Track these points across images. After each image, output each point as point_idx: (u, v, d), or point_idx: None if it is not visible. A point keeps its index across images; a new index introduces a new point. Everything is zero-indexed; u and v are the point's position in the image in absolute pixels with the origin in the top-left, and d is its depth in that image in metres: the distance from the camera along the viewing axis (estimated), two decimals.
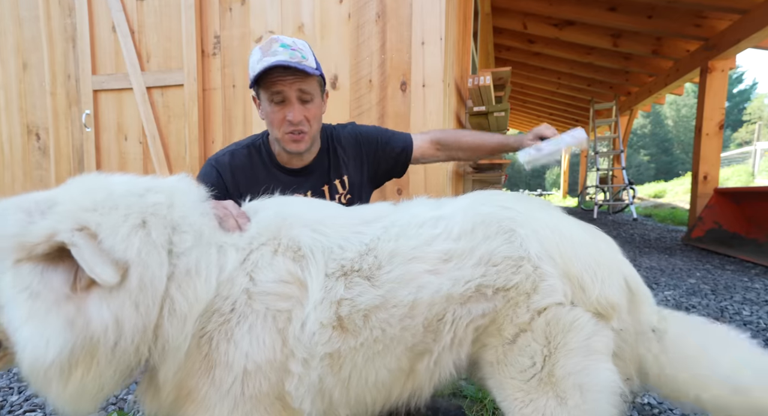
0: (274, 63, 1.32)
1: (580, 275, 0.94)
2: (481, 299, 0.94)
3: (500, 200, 1.06)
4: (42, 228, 0.74)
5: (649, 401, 1.71)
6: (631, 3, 5.41)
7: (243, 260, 0.89)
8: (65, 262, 0.75)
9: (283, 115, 1.40)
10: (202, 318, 0.83)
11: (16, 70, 3.17)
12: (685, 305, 2.89)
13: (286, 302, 0.87)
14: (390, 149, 1.67)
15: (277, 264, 0.90)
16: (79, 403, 0.78)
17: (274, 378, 0.85)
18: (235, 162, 1.52)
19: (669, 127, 38.11)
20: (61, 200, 0.80)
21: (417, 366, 0.96)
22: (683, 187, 11.52)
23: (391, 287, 0.91)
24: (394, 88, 2.39)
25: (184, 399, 0.85)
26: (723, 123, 5.50)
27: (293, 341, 0.85)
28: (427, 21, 2.31)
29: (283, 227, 0.96)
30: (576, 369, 0.91)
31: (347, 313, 0.89)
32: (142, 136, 2.94)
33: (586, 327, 0.92)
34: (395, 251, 0.94)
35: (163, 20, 2.81)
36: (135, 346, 0.77)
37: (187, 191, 0.96)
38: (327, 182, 1.61)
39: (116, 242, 0.76)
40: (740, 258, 4.40)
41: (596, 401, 0.92)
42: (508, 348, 0.95)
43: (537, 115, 13.42)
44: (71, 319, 0.73)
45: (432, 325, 0.93)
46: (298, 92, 1.39)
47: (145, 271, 0.77)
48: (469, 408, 1.57)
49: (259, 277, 0.87)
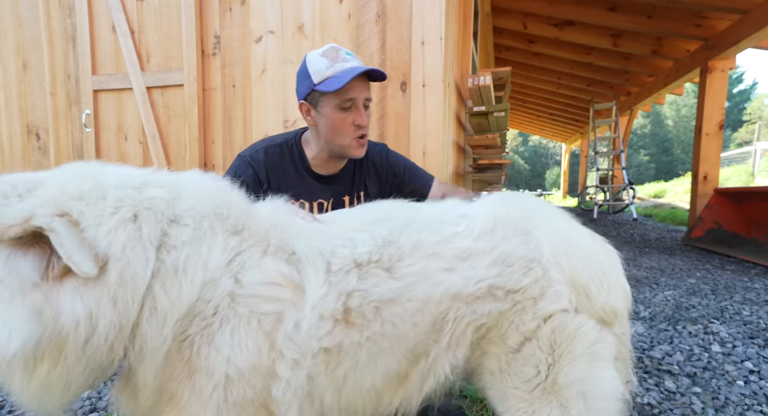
0: (364, 69, 1.35)
1: (586, 284, 0.94)
2: (490, 300, 0.92)
3: (521, 203, 1.07)
4: (17, 210, 0.70)
5: (649, 401, 1.71)
6: (631, 3, 5.41)
7: (229, 261, 0.84)
8: (36, 249, 0.71)
9: (351, 120, 1.42)
10: (183, 321, 0.79)
11: (16, 70, 3.17)
12: (685, 305, 2.89)
13: (273, 305, 0.83)
14: (407, 184, 1.69)
15: (265, 265, 0.86)
16: (45, 400, 0.74)
17: (259, 385, 0.81)
18: (269, 160, 1.52)
19: (669, 127, 38.11)
20: (46, 185, 0.76)
21: (412, 370, 0.94)
22: (683, 187, 11.51)
23: (410, 280, 0.90)
24: (394, 88, 2.39)
25: (165, 404, 0.81)
26: (723, 123, 5.50)
27: (283, 341, 0.81)
28: (427, 21, 2.31)
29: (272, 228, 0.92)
30: (580, 377, 0.91)
31: (357, 305, 0.86)
32: (142, 136, 2.94)
33: (591, 333, 0.92)
34: (418, 244, 0.93)
35: (163, 20, 2.81)
36: (109, 344, 0.73)
37: (201, 184, 0.92)
38: (349, 193, 1.62)
39: (99, 234, 0.73)
40: (740, 258, 4.40)
41: (600, 409, 0.91)
42: (512, 357, 0.93)
43: (537, 115, 13.41)
44: (38, 308, 0.68)
45: (437, 323, 0.92)
46: (365, 99, 1.44)
47: (127, 267, 0.73)
48: (469, 408, 1.57)
49: (246, 279, 0.83)
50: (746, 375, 1.92)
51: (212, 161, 2.82)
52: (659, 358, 2.09)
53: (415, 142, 2.38)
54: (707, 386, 1.84)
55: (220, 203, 0.89)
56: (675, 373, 1.94)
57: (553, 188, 33.80)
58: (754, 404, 1.69)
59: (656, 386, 1.84)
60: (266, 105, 2.66)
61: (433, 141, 2.36)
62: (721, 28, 5.26)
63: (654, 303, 2.93)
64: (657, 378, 1.91)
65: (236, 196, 0.96)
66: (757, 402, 1.70)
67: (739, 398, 1.73)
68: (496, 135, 3.49)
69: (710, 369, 1.98)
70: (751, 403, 1.69)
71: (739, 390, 1.79)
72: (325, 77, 1.37)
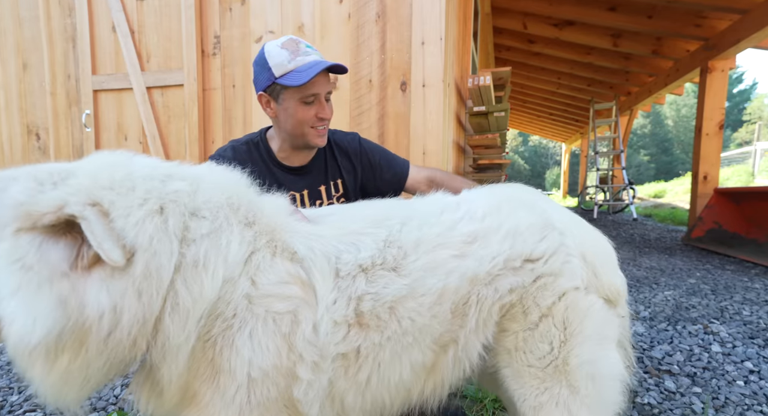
0: (328, 64, 1.37)
1: (593, 260, 0.98)
2: (509, 274, 0.94)
3: (518, 185, 1.16)
4: (52, 198, 0.71)
5: (649, 401, 1.71)
6: (631, 3, 5.41)
7: (246, 260, 0.85)
8: (68, 238, 0.71)
9: (313, 113, 1.45)
10: (207, 321, 0.79)
11: (16, 70, 3.17)
12: (685, 305, 2.89)
13: (286, 303, 0.84)
14: (384, 173, 1.68)
15: (276, 266, 0.87)
16: (63, 392, 0.74)
17: (283, 384, 0.82)
18: (237, 157, 1.52)
19: (669, 127, 38.10)
20: (78, 174, 0.76)
21: (440, 360, 0.95)
22: (683, 187, 11.51)
23: (419, 275, 0.91)
24: (394, 88, 2.39)
25: (188, 402, 0.82)
26: (723, 123, 5.50)
27: (302, 344, 0.82)
28: (427, 21, 2.31)
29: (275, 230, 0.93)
30: (589, 358, 0.94)
31: (370, 308, 0.87)
32: (142, 136, 2.94)
33: (600, 312, 0.96)
34: (420, 239, 0.95)
35: (163, 20, 2.81)
36: (132, 339, 0.73)
37: (215, 176, 0.93)
38: (324, 182, 1.64)
39: (128, 225, 0.73)
40: (740, 258, 4.40)
41: (606, 389, 0.96)
42: (529, 334, 0.96)
43: (537, 115, 13.41)
44: (64, 298, 0.68)
45: (458, 309, 0.93)
46: (327, 93, 1.47)
47: (153, 259, 0.73)
48: (469, 408, 1.57)
49: (261, 280, 0.84)
50: (746, 375, 1.92)
51: None
52: (659, 358, 2.09)
53: (415, 142, 2.38)
54: (707, 386, 1.84)
55: (232, 193, 0.90)
56: (675, 373, 1.94)
57: (553, 188, 33.79)
58: (754, 404, 1.69)
59: (656, 386, 1.84)
60: None
61: (433, 141, 2.36)
62: (721, 28, 5.26)
63: (654, 303, 2.93)
64: (657, 378, 1.91)
65: (245, 186, 0.97)
66: (757, 402, 1.70)
67: (739, 398, 1.73)
68: (496, 135, 3.49)
69: (710, 369, 1.98)
70: (751, 403, 1.69)
71: (739, 390, 1.79)
72: (287, 71, 1.36)
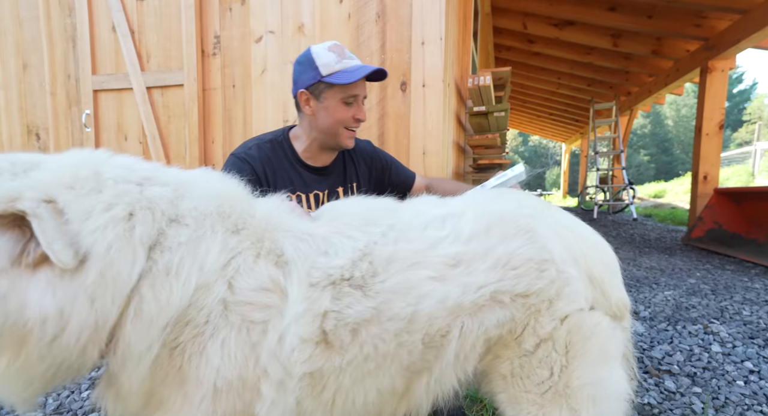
0: (372, 69, 1.46)
1: (601, 277, 0.91)
2: (496, 308, 0.85)
3: (515, 197, 1.02)
4: (6, 189, 0.66)
5: (649, 401, 1.71)
6: (631, 3, 5.40)
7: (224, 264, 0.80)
8: (14, 233, 0.67)
9: (351, 113, 1.52)
10: (175, 328, 0.74)
11: (16, 70, 3.17)
12: (685, 305, 2.89)
13: (263, 313, 0.79)
14: (393, 175, 1.81)
15: (258, 269, 0.81)
16: (5, 393, 0.71)
17: (247, 397, 0.77)
18: (264, 155, 1.54)
19: (669, 127, 38.09)
20: (43, 167, 0.72)
21: (414, 385, 0.88)
22: (683, 187, 11.51)
23: (386, 297, 0.82)
24: (394, 88, 2.39)
25: (155, 407, 0.78)
26: (723, 123, 5.50)
27: (267, 358, 0.77)
28: (427, 21, 2.31)
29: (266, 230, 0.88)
30: (591, 380, 0.88)
31: (332, 327, 0.80)
32: (142, 136, 2.94)
33: (606, 331, 0.89)
34: (393, 256, 0.85)
35: (163, 20, 2.81)
36: (81, 346, 0.68)
37: (207, 183, 0.88)
38: (342, 184, 1.69)
39: (84, 229, 0.68)
40: (740, 258, 4.39)
41: (609, 411, 0.90)
42: (525, 360, 0.88)
43: (537, 115, 13.41)
44: (2, 294, 0.64)
45: (434, 341, 0.84)
46: (363, 97, 1.57)
47: (109, 268, 0.69)
48: (469, 408, 1.57)
49: (239, 284, 0.79)
50: (746, 375, 1.92)
51: (212, 161, 2.82)
52: (659, 358, 2.09)
53: (415, 142, 2.38)
54: (707, 386, 1.84)
55: (224, 201, 0.86)
56: (675, 373, 1.94)
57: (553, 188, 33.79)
58: (754, 404, 1.69)
59: (656, 386, 1.84)
60: (266, 105, 2.66)
61: (433, 141, 2.36)
62: (721, 28, 5.25)
63: (654, 303, 2.93)
64: (657, 378, 1.91)
65: (241, 194, 0.94)
66: (757, 402, 1.70)
67: (739, 398, 1.73)
68: (496, 135, 3.49)
69: (710, 369, 1.98)
70: (751, 403, 1.69)
71: (739, 390, 1.79)
72: (334, 70, 1.44)
